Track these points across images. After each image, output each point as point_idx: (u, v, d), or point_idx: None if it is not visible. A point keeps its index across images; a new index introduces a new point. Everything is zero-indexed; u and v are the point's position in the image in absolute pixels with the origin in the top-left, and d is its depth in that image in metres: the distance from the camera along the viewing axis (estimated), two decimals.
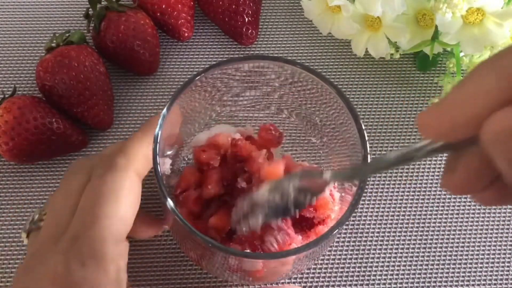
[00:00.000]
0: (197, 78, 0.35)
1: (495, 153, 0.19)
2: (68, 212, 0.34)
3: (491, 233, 0.46)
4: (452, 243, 0.45)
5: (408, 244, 0.45)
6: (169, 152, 0.38)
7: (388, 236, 0.45)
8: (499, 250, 0.45)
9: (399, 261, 0.44)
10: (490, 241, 0.45)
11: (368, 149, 0.33)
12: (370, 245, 0.44)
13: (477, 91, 0.19)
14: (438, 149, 0.23)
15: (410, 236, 0.45)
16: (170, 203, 0.32)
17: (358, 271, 0.44)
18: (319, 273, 0.44)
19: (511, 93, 0.19)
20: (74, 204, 0.34)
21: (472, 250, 0.45)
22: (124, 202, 0.33)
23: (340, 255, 0.44)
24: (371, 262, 0.44)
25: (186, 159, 0.42)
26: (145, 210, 0.45)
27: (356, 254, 0.44)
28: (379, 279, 0.43)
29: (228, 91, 0.40)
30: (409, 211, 0.46)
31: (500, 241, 0.45)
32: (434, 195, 0.47)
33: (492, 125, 0.19)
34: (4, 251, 0.43)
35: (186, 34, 0.50)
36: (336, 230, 0.32)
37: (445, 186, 0.23)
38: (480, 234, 0.46)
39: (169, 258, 0.43)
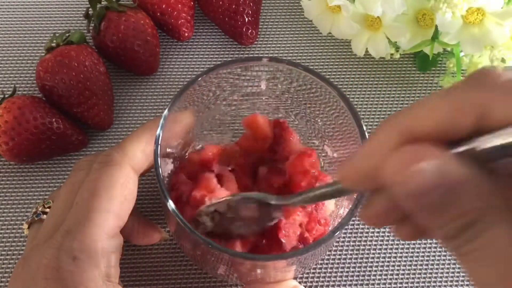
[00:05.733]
0: (198, 79, 0.35)
1: (400, 196, 0.22)
2: (68, 207, 0.34)
3: None
4: None
5: (408, 244, 0.45)
6: (171, 152, 0.38)
7: (388, 236, 0.45)
8: None
9: (399, 261, 0.44)
10: None
11: None
12: (370, 245, 0.44)
13: (374, 145, 0.23)
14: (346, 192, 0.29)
15: None
16: (171, 204, 0.32)
17: (358, 271, 0.44)
18: (319, 273, 0.44)
19: (403, 142, 0.22)
20: (74, 199, 0.34)
21: None
22: (117, 197, 0.33)
23: (340, 255, 0.44)
24: (371, 262, 0.44)
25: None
26: (145, 211, 0.45)
27: (356, 254, 0.44)
28: (379, 279, 0.43)
29: (229, 92, 0.40)
30: None
31: None
32: None
33: (387, 166, 0.22)
34: (4, 250, 0.43)
35: (186, 34, 0.50)
36: (337, 233, 0.32)
37: (360, 217, 0.26)
38: None
39: (169, 258, 0.43)
